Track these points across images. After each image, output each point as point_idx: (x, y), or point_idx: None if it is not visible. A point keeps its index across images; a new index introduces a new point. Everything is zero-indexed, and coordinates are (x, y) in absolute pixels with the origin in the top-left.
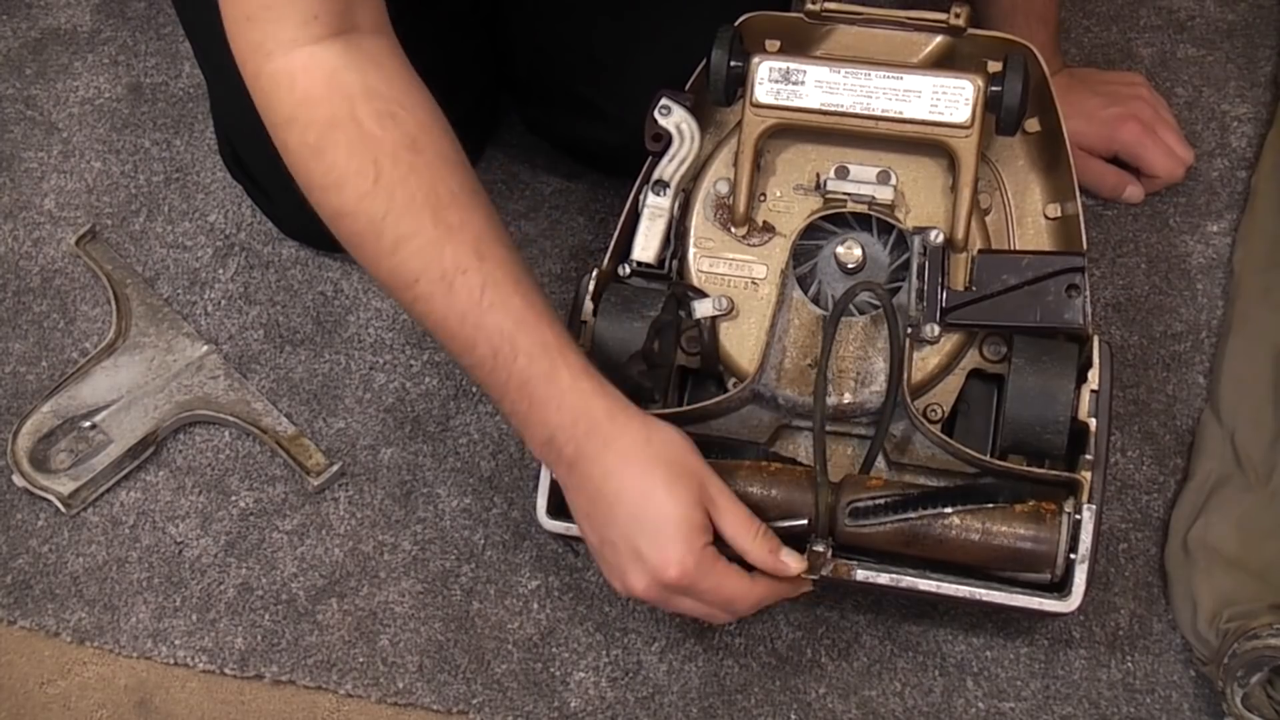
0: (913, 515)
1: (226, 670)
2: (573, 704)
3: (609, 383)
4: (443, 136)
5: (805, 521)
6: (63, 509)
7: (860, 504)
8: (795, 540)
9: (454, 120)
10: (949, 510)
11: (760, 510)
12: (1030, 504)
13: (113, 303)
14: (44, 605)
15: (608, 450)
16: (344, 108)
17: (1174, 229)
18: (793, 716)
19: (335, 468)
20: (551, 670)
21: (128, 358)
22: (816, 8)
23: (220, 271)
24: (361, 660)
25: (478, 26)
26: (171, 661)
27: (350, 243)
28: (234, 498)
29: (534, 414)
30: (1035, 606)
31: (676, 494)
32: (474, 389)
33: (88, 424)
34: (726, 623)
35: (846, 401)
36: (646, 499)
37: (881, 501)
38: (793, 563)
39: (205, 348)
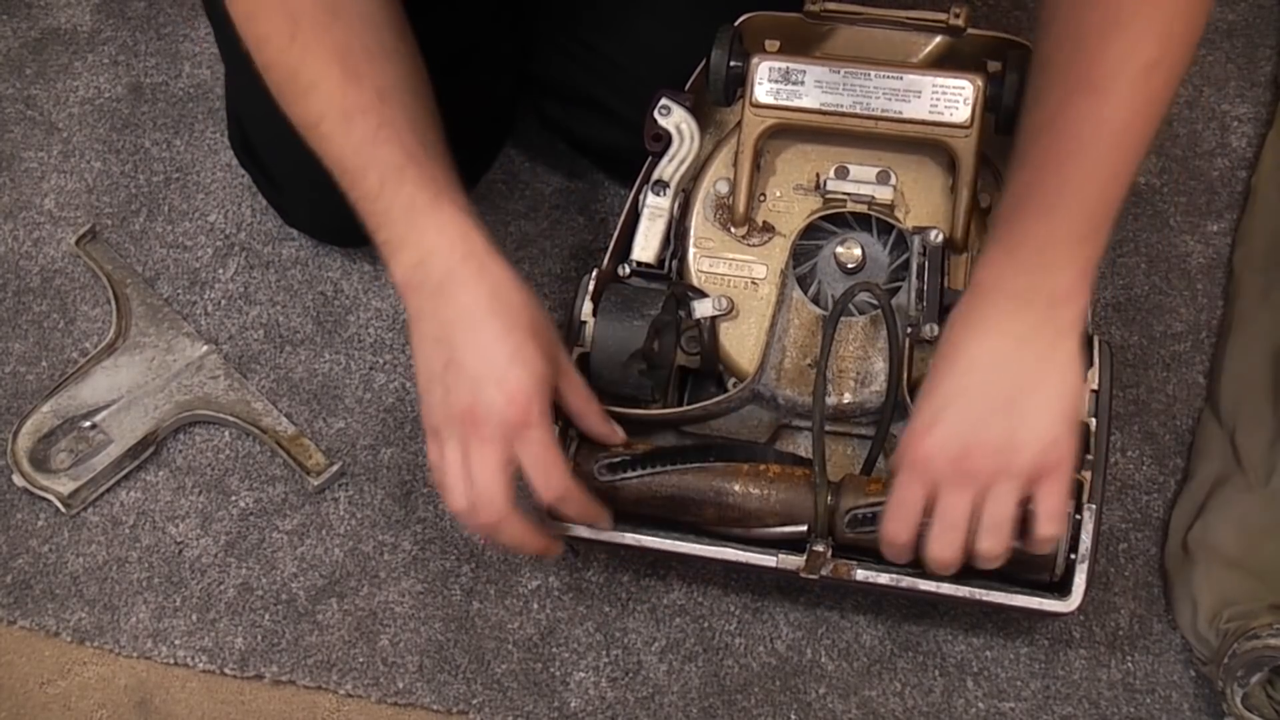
0: None
1: (226, 670)
2: (573, 704)
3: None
4: (373, 7)
5: (804, 528)
6: (63, 509)
7: (860, 511)
8: (795, 541)
9: (479, 119)
10: None
11: (760, 513)
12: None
13: (113, 303)
14: (44, 605)
15: (482, 276)
16: None
17: (1174, 229)
18: (793, 716)
19: (335, 468)
20: (551, 670)
21: (128, 358)
22: (816, 8)
23: (220, 271)
24: (361, 660)
25: (504, 27)
26: (171, 661)
27: (275, 93)
28: (234, 498)
29: (411, 236)
30: (1035, 606)
31: (536, 346)
32: None
33: (88, 424)
34: (482, 520)
35: (846, 401)
36: (512, 333)
37: (881, 509)
38: (615, 431)
39: (205, 348)
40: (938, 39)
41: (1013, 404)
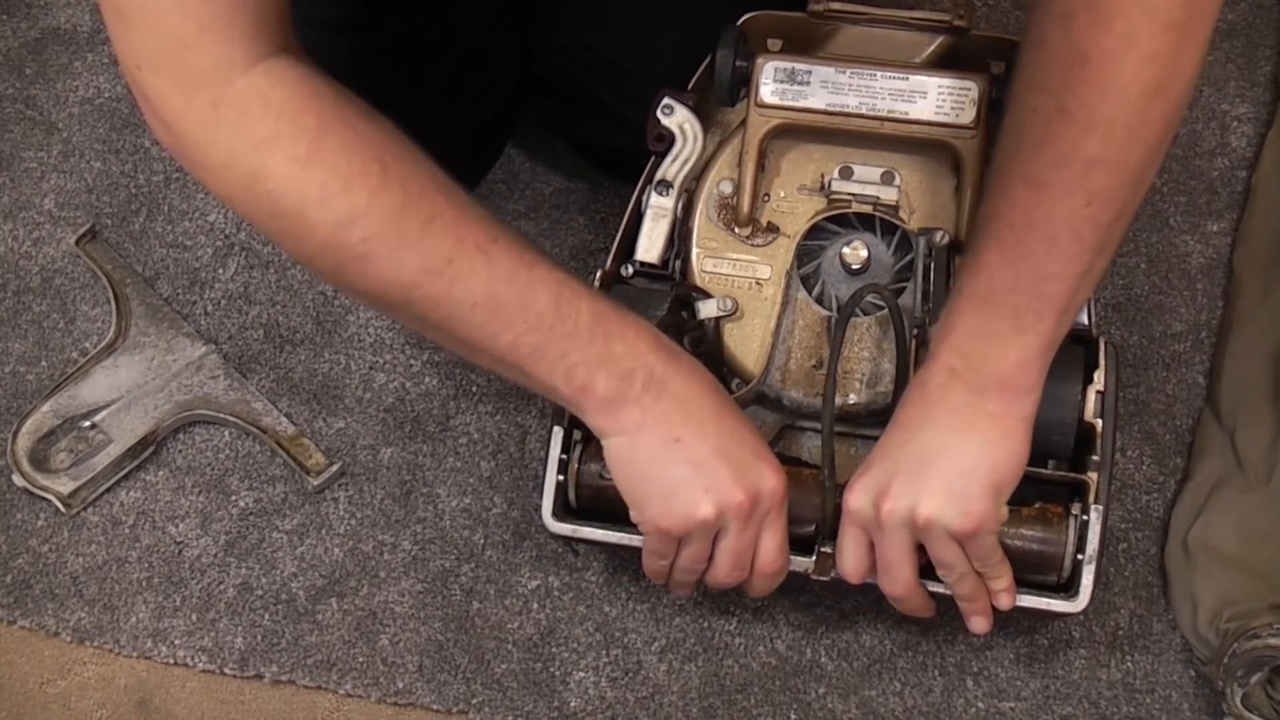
0: None
1: (226, 670)
2: (573, 704)
3: None
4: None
5: (813, 527)
6: (63, 509)
7: None
8: (803, 542)
9: (482, 119)
10: None
11: None
12: (1036, 506)
13: (113, 302)
14: (44, 605)
15: (694, 368)
16: (331, 110)
17: (1174, 229)
18: (793, 716)
19: (335, 468)
20: (551, 670)
21: (128, 357)
22: (820, 7)
23: (220, 271)
24: (361, 660)
25: (508, 28)
26: (171, 661)
27: (363, 249)
28: (234, 498)
29: (612, 349)
30: (1044, 607)
31: (749, 420)
32: (474, 388)
33: (88, 424)
34: (734, 582)
35: (853, 402)
36: (738, 417)
37: None
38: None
39: (205, 347)
40: (940, 39)
41: (925, 464)
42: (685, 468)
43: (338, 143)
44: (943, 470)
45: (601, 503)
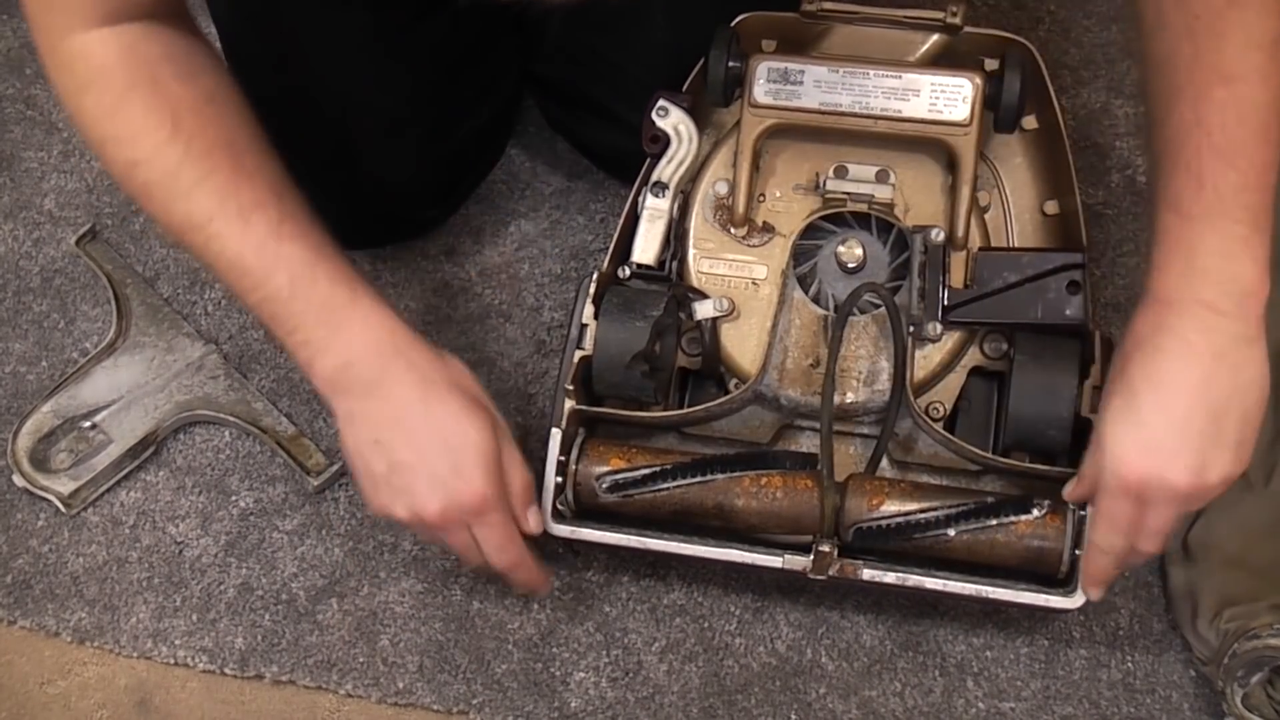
0: (916, 538)
1: (226, 670)
2: (573, 704)
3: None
4: (239, 96)
5: (810, 538)
6: (63, 509)
7: (865, 526)
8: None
9: (482, 120)
10: (952, 533)
11: (764, 524)
12: (1035, 513)
13: (113, 302)
14: (44, 605)
15: (412, 372)
16: (143, 71)
17: None
18: (793, 716)
19: (335, 467)
20: (551, 670)
21: (128, 358)
22: (813, 7)
23: None
24: (361, 660)
25: (508, 27)
26: (171, 661)
27: (143, 192)
28: (234, 498)
29: (335, 338)
30: (1041, 603)
31: (478, 424)
32: None
33: (88, 424)
34: (475, 565)
35: (850, 401)
36: (454, 423)
37: (886, 525)
38: (534, 520)
39: (205, 347)
40: (934, 37)
41: (1215, 428)
42: (383, 466)
43: (139, 99)
44: (1232, 426)
45: (600, 504)
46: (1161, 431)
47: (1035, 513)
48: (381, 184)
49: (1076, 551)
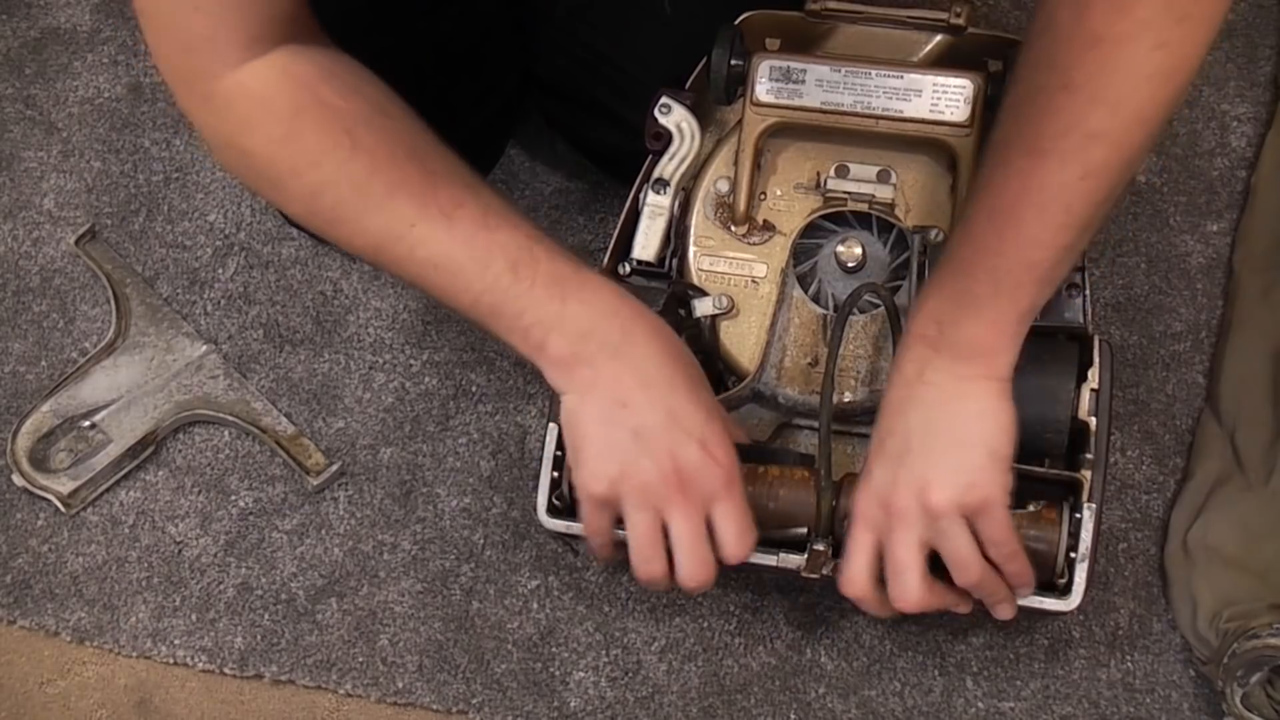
0: None
1: (226, 670)
2: (573, 704)
3: None
4: (404, 104)
5: (805, 531)
6: (62, 509)
7: None
8: (797, 542)
9: (483, 119)
10: None
11: (760, 517)
12: (1030, 509)
13: (112, 302)
14: (44, 605)
15: (657, 335)
16: (306, 94)
17: (1174, 229)
18: (793, 716)
19: (335, 467)
20: (551, 670)
21: (127, 357)
22: (817, 6)
23: (220, 271)
24: (361, 660)
25: (509, 27)
26: (171, 661)
27: (333, 216)
28: (234, 497)
29: (568, 310)
30: (1036, 605)
31: (714, 401)
32: (474, 389)
33: (87, 424)
34: (703, 578)
35: (848, 400)
36: (700, 391)
37: None
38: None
39: (205, 347)
40: (938, 38)
41: (919, 447)
42: (625, 433)
43: (309, 122)
44: (941, 449)
45: None
46: (873, 456)
47: (1030, 508)
48: None
49: (1072, 555)
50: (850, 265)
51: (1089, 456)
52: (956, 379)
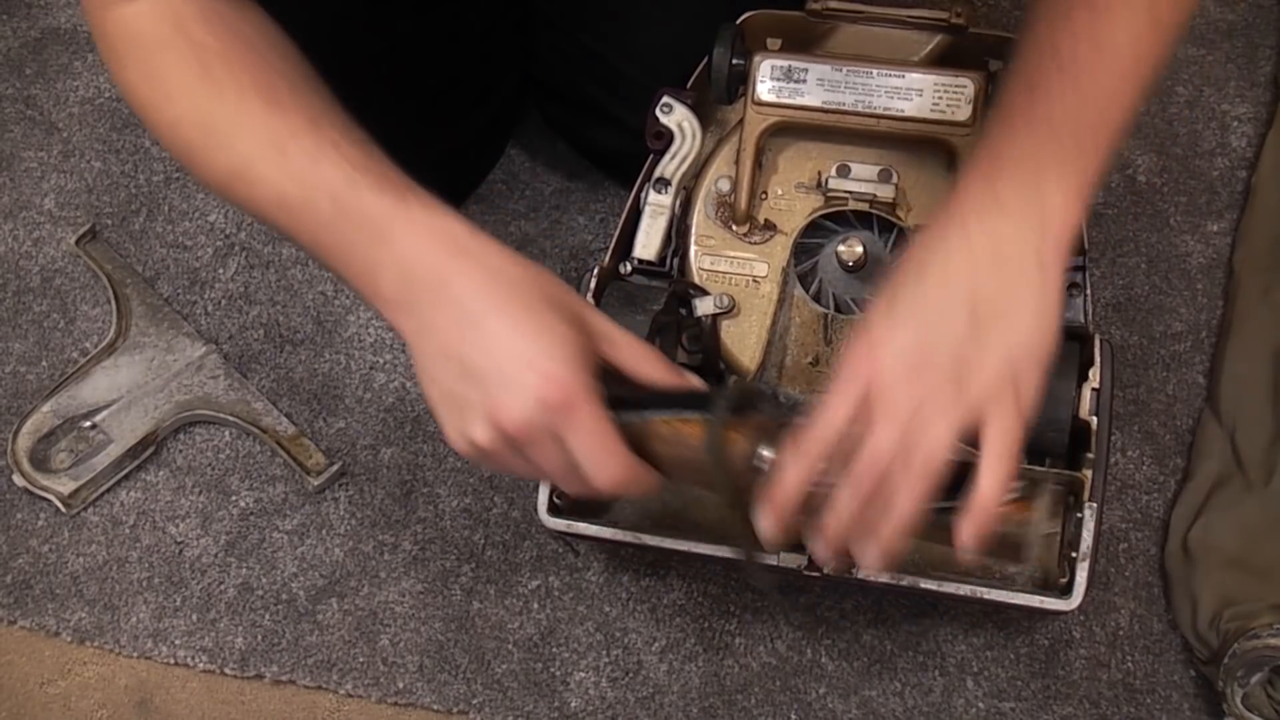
0: None
1: (226, 670)
2: (573, 704)
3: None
4: (286, 42)
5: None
6: (63, 509)
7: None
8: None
9: (483, 120)
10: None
11: (683, 476)
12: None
13: (113, 302)
14: (44, 605)
15: (478, 269)
16: (174, 30)
17: (1174, 229)
18: (793, 716)
19: (335, 468)
20: (551, 670)
21: (128, 357)
22: (818, 6)
23: (220, 271)
24: (361, 660)
25: (509, 28)
26: (171, 661)
27: (187, 153)
28: (234, 498)
29: (385, 249)
30: (1036, 605)
31: (558, 314)
32: None
33: (88, 424)
34: (574, 490)
35: None
36: (529, 316)
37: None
38: (696, 381)
39: (205, 347)
40: (939, 38)
41: (980, 315)
42: (456, 387)
43: (171, 57)
44: (1006, 320)
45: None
46: (908, 314)
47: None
48: None
49: (1073, 554)
50: (851, 265)
51: (1089, 456)
52: (1038, 250)
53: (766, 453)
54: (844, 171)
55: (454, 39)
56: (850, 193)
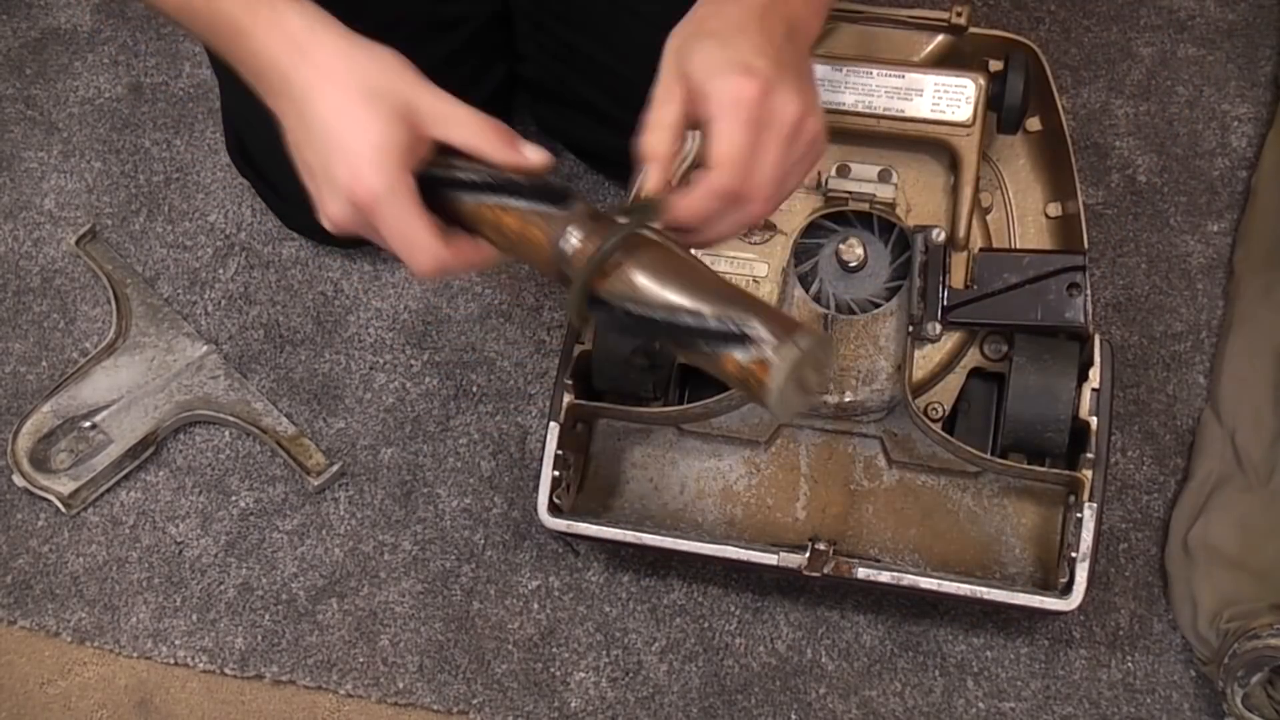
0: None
1: (226, 670)
2: (573, 704)
3: (325, 12)
4: None
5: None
6: (63, 509)
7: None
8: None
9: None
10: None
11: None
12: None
13: (113, 303)
14: (44, 605)
15: (309, 66)
16: None
17: (1174, 229)
18: (793, 716)
19: (335, 468)
20: (551, 670)
21: (128, 358)
22: None
23: (220, 271)
24: (362, 660)
25: (495, 26)
26: (171, 661)
27: None
28: (234, 498)
29: (241, 46)
30: (1036, 604)
31: (374, 109)
32: (474, 389)
33: (88, 424)
34: (418, 273)
35: (849, 400)
36: (340, 115)
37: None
38: (532, 154)
39: (205, 347)
40: (939, 38)
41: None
42: (305, 174)
43: None
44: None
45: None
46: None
47: (750, 352)
48: None
49: (1073, 555)
50: (851, 265)
51: (1089, 456)
52: None
53: (574, 233)
54: (844, 171)
55: (437, 28)
56: (850, 193)
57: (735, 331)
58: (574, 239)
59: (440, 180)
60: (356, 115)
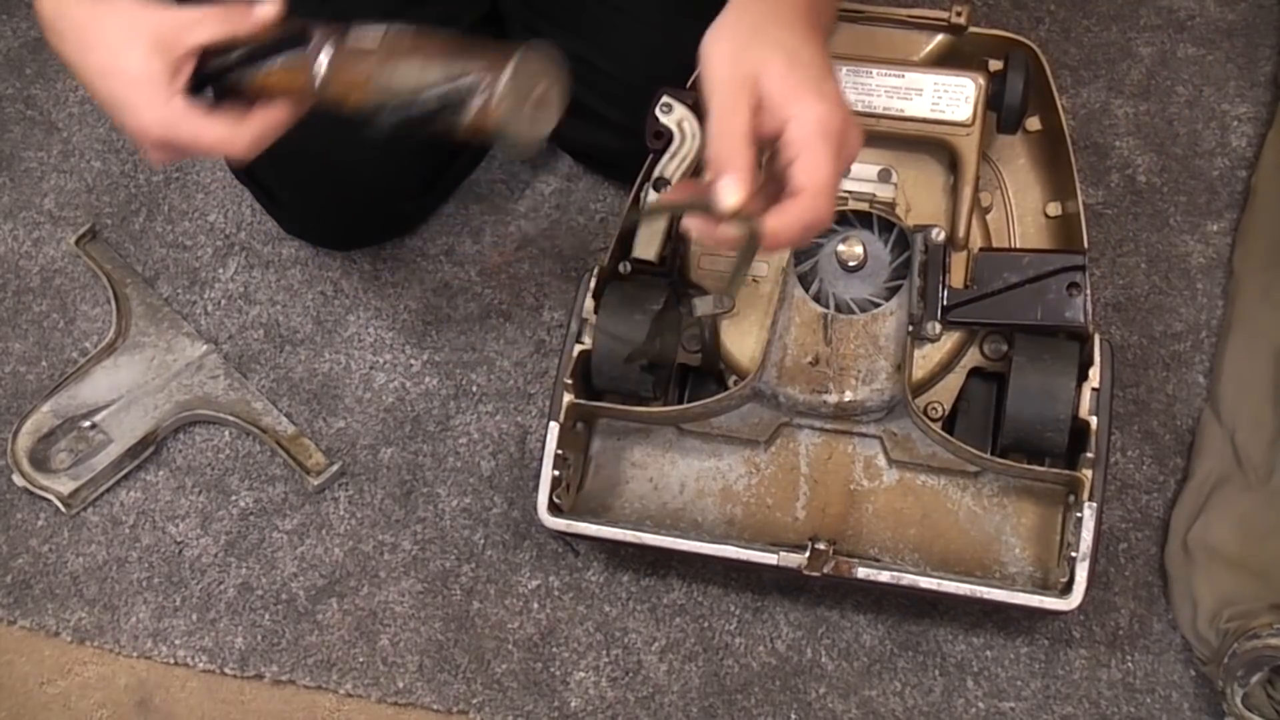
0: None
1: (226, 670)
2: (573, 704)
3: None
4: None
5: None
6: (63, 509)
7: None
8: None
9: None
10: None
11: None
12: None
13: (113, 302)
14: (44, 605)
15: (93, 18)
16: None
17: (1174, 229)
18: (793, 716)
19: (335, 467)
20: (551, 670)
21: (128, 357)
22: None
23: (220, 271)
24: (361, 660)
25: (485, 28)
26: (171, 661)
27: None
28: (234, 497)
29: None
30: (1036, 604)
31: (130, 54)
32: (474, 389)
33: (88, 424)
34: (241, 155)
35: (849, 399)
36: (107, 73)
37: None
38: (260, 10)
39: (205, 347)
40: (939, 38)
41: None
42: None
43: None
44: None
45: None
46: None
47: (479, 99)
48: (349, 173)
49: (1073, 554)
50: (851, 264)
51: (1089, 455)
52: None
53: (323, 57)
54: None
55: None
56: (850, 193)
57: (463, 91)
58: (321, 72)
59: (210, 77)
60: (119, 65)
